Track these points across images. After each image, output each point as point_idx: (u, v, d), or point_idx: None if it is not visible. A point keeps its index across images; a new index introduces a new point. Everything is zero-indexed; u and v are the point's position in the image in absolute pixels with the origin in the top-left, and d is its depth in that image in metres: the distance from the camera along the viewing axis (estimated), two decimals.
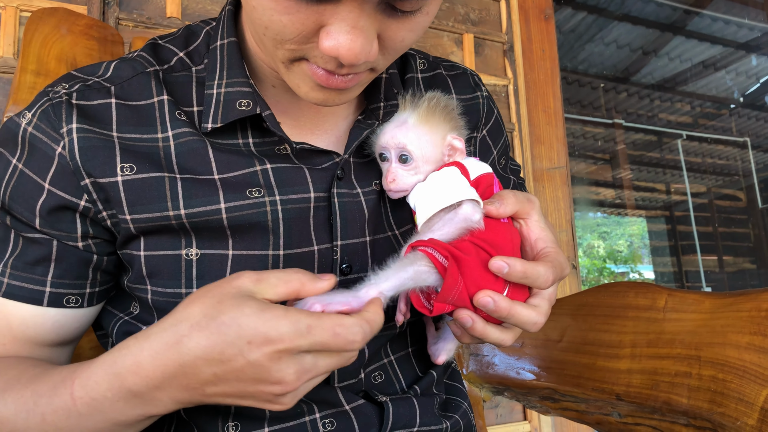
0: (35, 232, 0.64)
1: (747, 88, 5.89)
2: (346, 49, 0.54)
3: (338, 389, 0.68)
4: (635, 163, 5.96)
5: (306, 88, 0.62)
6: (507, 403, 1.88)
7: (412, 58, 0.84)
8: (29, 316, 0.65)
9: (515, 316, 0.59)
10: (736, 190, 6.46)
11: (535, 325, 0.60)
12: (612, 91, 5.44)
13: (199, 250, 0.64)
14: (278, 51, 0.59)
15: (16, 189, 0.64)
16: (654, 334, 0.78)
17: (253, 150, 0.68)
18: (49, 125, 0.63)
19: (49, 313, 0.66)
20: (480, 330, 0.60)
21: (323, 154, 0.70)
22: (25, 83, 0.97)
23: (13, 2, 1.37)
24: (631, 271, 6.40)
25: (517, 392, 1.02)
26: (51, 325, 0.66)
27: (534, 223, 0.66)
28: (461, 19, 2.04)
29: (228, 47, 0.69)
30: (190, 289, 0.63)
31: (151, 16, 1.51)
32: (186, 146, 0.66)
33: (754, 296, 0.69)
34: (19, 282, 0.64)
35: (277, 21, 0.55)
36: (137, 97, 0.67)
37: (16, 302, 0.64)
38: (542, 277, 0.59)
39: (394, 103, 0.72)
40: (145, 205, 0.63)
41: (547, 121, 2.10)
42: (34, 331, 0.66)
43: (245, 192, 0.65)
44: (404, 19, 0.55)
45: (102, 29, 1.09)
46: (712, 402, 0.67)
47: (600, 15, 4.57)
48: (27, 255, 0.64)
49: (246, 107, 0.66)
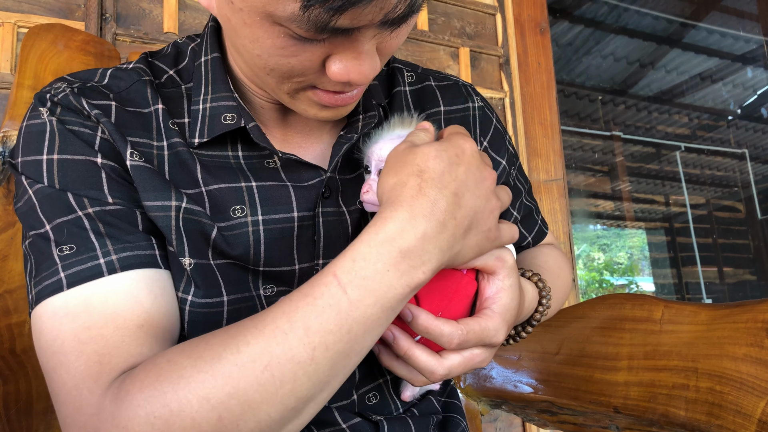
0: (110, 205, 0.60)
1: (744, 99, 5.92)
2: (356, 73, 0.55)
3: (333, 409, 0.67)
4: (634, 175, 5.97)
5: (314, 111, 0.64)
6: (505, 416, 1.87)
7: (399, 72, 0.83)
8: (142, 288, 0.59)
9: (411, 358, 0.58)
10: (735, 202, 6.46)
11: (432, 374, 0.58)
12: (610, 104, 5.46)
13: (192, 259, 0.63)
14: (283, 86, 0.60)
15: (66, 176, 0.60)
16: (651, 346, 0.78)
17: (242, 163, 0.68)
18: (74, 110, 0.63)
19: (159, 280, 0.61)
20: (404, 347, 0.58)
21: (310, 169, 0.69)
22: (21, 98, 0.98)
23: (10, 18, 1.38)
24: (630, 283, 6.38)
25: (515, 405, 1.01)
26: (162, 293, 0.61)
27: (496, 281, 0.61)
28: (457, 33, 2.05)
29: (212, 63, 0.70)
30: (186, 296, 0.63)
31: (148, 32, 1.52)
32: (177, 157, 0.66)
33: (750, 307, 0.68)
34: (129, 252, 0.59)
35: (285, 63, 0.56)
36: (135, 104, 0.67)
37: (135, 271, 0.59)
38: (445, 338, 0.56)
39: (372, 114, 0.72)
40: (150, 193, 0.62)
41: (544, 134, 2.10)
42: (155, 305, 0.60)
43: (229, 211, 0.65)
44: (397, 30, 0.56)
45: (99, 45, 1.09)
46: (709, 414, 0.67)
47: (597, 28, 4.60)
48: (118, 228, 0.60)
49: (231, 121, 0.66)
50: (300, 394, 0.50)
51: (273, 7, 0.49)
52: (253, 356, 0.49)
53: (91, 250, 0.58)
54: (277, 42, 0.53)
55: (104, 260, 0.58)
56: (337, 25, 0.50)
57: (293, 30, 0.51)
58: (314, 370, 0.50)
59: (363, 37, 0.54)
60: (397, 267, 0.51)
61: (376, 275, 0.50)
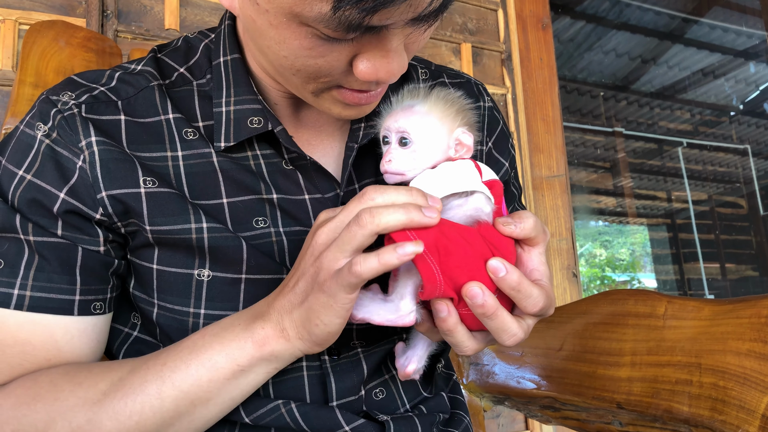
0: (56, 237, 0.62)
1: (746, 95, 5.90)
2: (385, 71, 0.55)
3: (337, 409, 0.66)
4: (636, 171, 5.96)
5: (338, 110, 0.64)
6: (508, 412, 1.87)
7: (414, 69, 0.83)
8: (59, 328, 0.62)
9: (498, 317, 0.53)
10: (737, 198, 6.45)
11: (514, 337, 0.55)
12: (612, 100, 5.46)
13: (211, 271, 0.64)
14: (309, 86, 0.60)
15: (25, 199, 0.62)
16: (654, 341, 0.77)
17: (262, 164, 0.68)
18: (68, 138, 0.63)
19: (79, 324, 0.63)
20: (451, 324, 0.55)
21: (326, 179, 0.70)
22: (23, 95, 0.98)
23: (12, 15, 1.38)
24: (632, 279, 6.38)
25: (517, 401, 1.01)
26: (80, 336, 0.64)
27: (537, 254, 0.60)
28: (459, 29, 2.04)
29: (232, 64, 0.69)
30: (198, 309, 0.63)
31: (150, 28, 1.52)
32: (195, 168, 0.66)
33: (753, 303, 0.68)
34: (46, 293, 0.61)
35: (312, 64, 0.55)
36: (145, 113, 0.67)
37: (45, 315, 0.61)
38: (533, 298, 0.54)
39: (374, 122, 0.71)
40: (167, 217, 0.63)
41: (546, 130, 2.10)
42: (69, 345, 0.63)
43: (251, 221, 0.65)
44: (428, 26, 0.55)
45: (100, 41, 1.09)
46: (713, 410, 0.67)
47: (598, 24, 4.59)
48: (50, 264, 0.62)
49: (258, 124, 0.66)
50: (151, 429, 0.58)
51: (300, 8, 0.48)
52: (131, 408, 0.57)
53: (12, 276, 0.61)
54: (305, 43, 0.53)
55: (18, 292, 0.61)
56: (367, 24, 0.49)
57: (321, 30, 0.50)
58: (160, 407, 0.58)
59: (392, 35, 0.53)
60: (248, 325, 0.59)
61: (232, 329, 0.60)
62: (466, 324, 0.57)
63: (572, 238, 2.06)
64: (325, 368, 0.67)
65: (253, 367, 0.57)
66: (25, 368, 0.62)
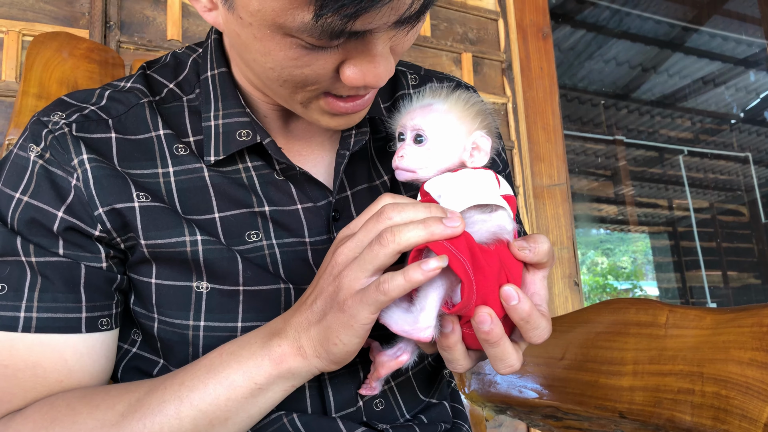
0: (58, 257, 0.62)
1: (747, 103, 5.91)
2: (372, 76, 0.55)
3: (338, 420, 0.66)
4: (637, 179, 5.96)
5: (326, 120, 0.64)
6: (510, 422, 1.86)
7: (403, 75, 0.83)
8: (68, 347, 0.62)
9: (500, 346, 0.53)
10: (738, 205, 6.45)
11: (510, 368, 0.54)
12: (612, 108, 5.46)
13: (209, 284, 0.64)
14: (297, 96, 0.60)
15: (24, 220, 0.62)
16: (656, 350, 0.77)
17: (253, 176, 0.69)
18: (61, 158, 0.63)
19: (87, 342, 0.64)
20: (452, 342, 0.54)
21: (317, 187, 0.70)
22: (26, 106, 0.98)
23: (15, 26, 1.39)
24: (634, 287, 6.37)
25: (519, 411, 1.01)
26: (89, 354, 0.64)
27: (541, 277, 0.58)
28: (459, 39, 2.05)
29: (219, 78, 0.70)
30: (198, 322, 0.64)
31: (152, 39, 1.52)
32: (186, 183, 0.66)
33: (755, 311, 0.68)
34: (52, 313, 0.61)
35: (298, 74, 0.56)
36: (135, 131, 0.67)
37: (53, 335, 0.61)
38: (540, 330, 0.54)
39: (365, 129, 0.72)
40: (161, 231, 0.63)
41: (547, 139, 2.10)
42: (79, 365, 0.63)
43: (244, 236, 0.66)
44: (412, 28, 0.55)
45: (103, 52, 1.10)
46: (715, 419, 0.67)
47: (599, 32, 4.61)
48: (54, 284, 0.62)
49: (246, 137, 0.67)
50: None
51: (283, 19, 0.49)
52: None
53: (17, 299, 0.61)
54: (290, 53, 0.53)
55: (24, 315, 0.60)
56: (350, 30, 0.49)
57: (305, 40, 0.51)
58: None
59: (376, 39, 0.53)
60: (265, 343, 0.58)
61: (250, 346, 0.59)
62: (466, 342, 0.56)
63: (573, 246, 2.06)
64: (323, 380, 0.67)
65: (271, 385, 0.57)
66: (38, 392, 0.62)
